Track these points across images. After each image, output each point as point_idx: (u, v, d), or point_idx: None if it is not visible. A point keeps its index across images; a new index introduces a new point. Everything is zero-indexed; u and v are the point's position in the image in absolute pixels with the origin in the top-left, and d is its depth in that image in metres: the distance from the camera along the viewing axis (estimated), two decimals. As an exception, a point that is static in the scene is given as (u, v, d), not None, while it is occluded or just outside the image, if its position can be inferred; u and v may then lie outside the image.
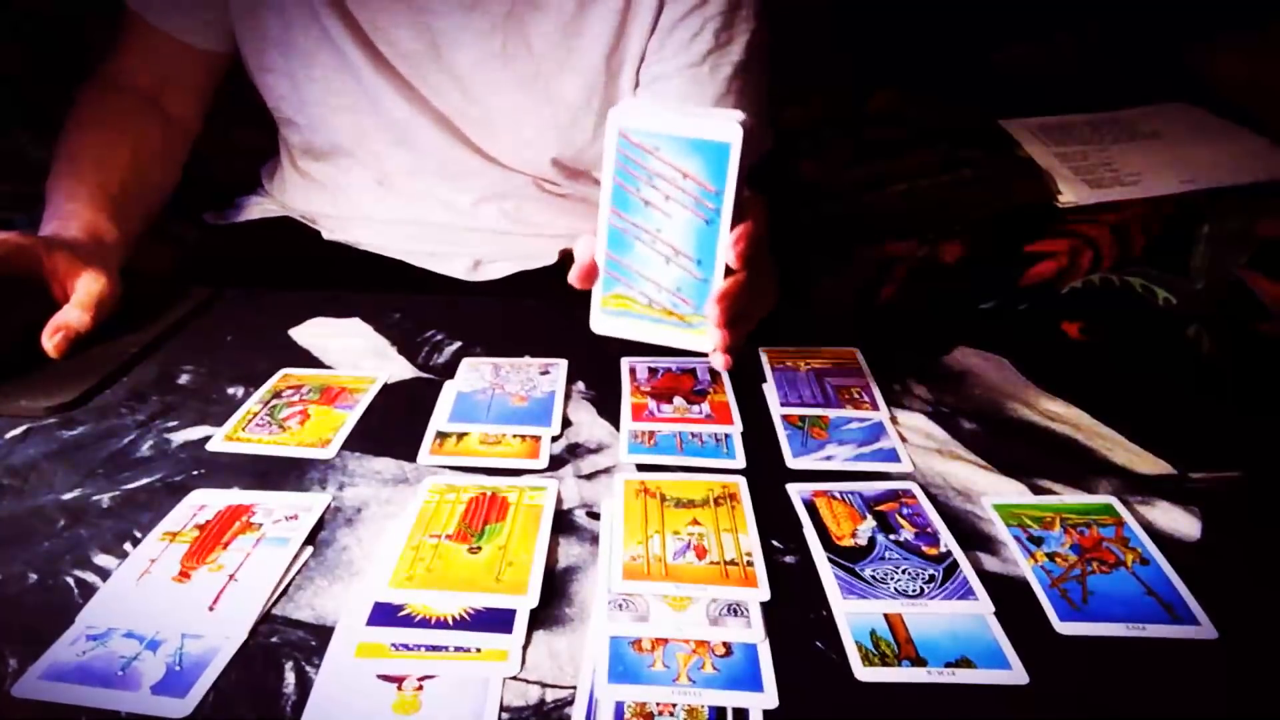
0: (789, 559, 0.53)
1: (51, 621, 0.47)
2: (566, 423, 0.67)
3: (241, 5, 0.85)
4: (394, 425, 0.66)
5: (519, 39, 0.82)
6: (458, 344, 0.78)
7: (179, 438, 0.64)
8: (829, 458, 0.63)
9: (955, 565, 0.52)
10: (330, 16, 0.82)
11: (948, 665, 0.46)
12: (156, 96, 0.91)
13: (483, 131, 0.89)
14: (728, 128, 0.51)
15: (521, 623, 0.47)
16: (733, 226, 0.54)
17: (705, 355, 0.58)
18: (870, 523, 0.56)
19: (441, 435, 0.65)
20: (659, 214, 0.54)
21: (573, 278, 0.58)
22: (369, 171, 0.93)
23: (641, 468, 0.62)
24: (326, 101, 0.88)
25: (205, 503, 0.57)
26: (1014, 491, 0.60)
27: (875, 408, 0.69)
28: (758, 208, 0.56)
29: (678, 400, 0.69)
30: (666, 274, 0.56)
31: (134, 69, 0.90)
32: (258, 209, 1.01)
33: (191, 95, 0.93)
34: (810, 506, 0.58)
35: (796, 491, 0.59)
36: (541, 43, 0.82)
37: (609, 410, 0.68)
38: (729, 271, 0.55)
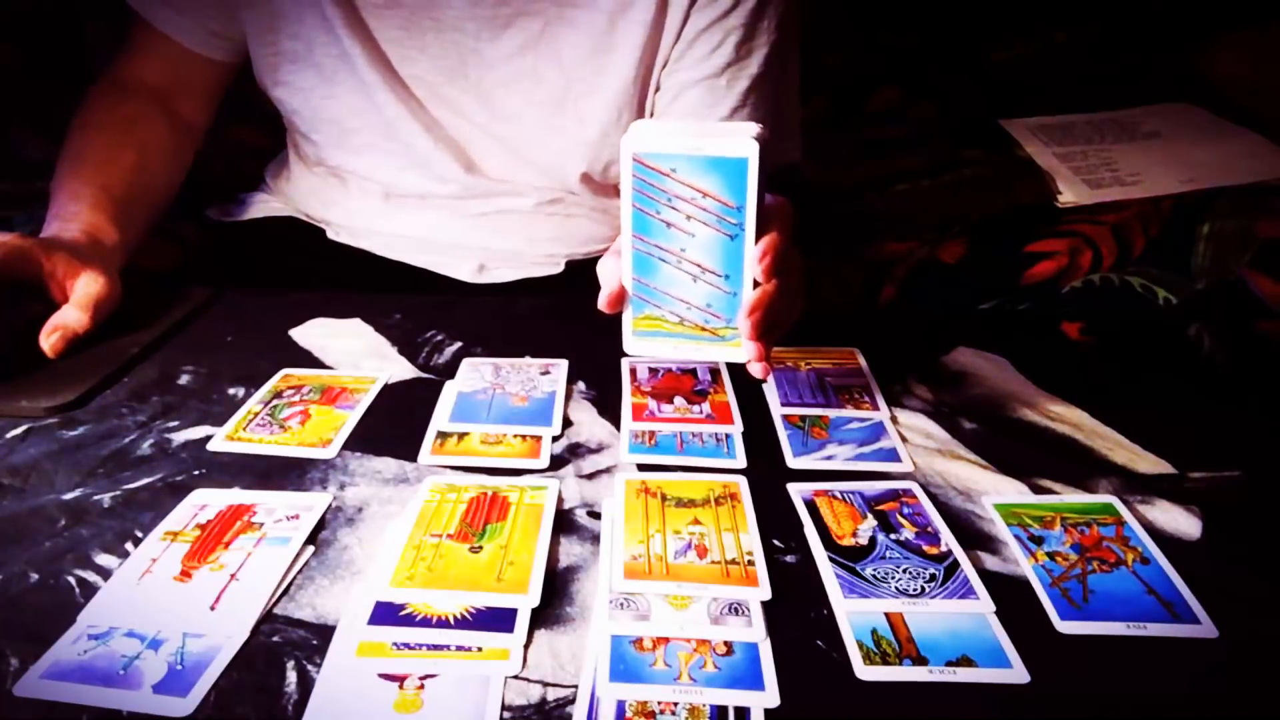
0: (790, 558, 0.53)
1: (53, 621, 0.47)
2: (567, 422, 0.67)
3: (256, 21, 0.84)
4: (395, 425, 0.66)
5: (550, 57, 0.81)
6: (458, 344, 0.78)
7: (180, 438, 0.64)
8: (829, 457, 0.63)
9: (956, 564, 0.52)
10: (351, 39, 0.81)
11: (949, 664, 0.46)
12: (164, 98, 0.90)
13: (506, 152, 0.88)
14: (743, 143, 0.51)
15: (523, 622, 0.48)
16: (757, 238, 0.54)
17: (739, 364, 0.58)
18: (871, 522, 0.56)
19: (442, 435, 0.65)
20: (682, 234, 0.54)
21: (602, 303, 0.58)
22: (379, 188, 0.93)
23: (642, 467, 0.62)
24: (342, 122, 0.87)
25: (206, 502, 0.57)
26: (1014, 491, 0.60)
27: (875, 407, 0.69)
28: (781, 215, 0.56)
29: (678, 400, 0.69)
30: (695, 292, 0.56)
31: (142, 70, 0.89)
32: (262, 207, 1.01)
33: (199, 98, 0.93)
34: (811, 506, 0.58)
35: (797, 491, 0.59)
36: (573, 59, 0.81)
37: (610, 410, 0.69)
38: (757, 282, 0.55)
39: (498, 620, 0.48)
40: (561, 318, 0.83)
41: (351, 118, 0.86)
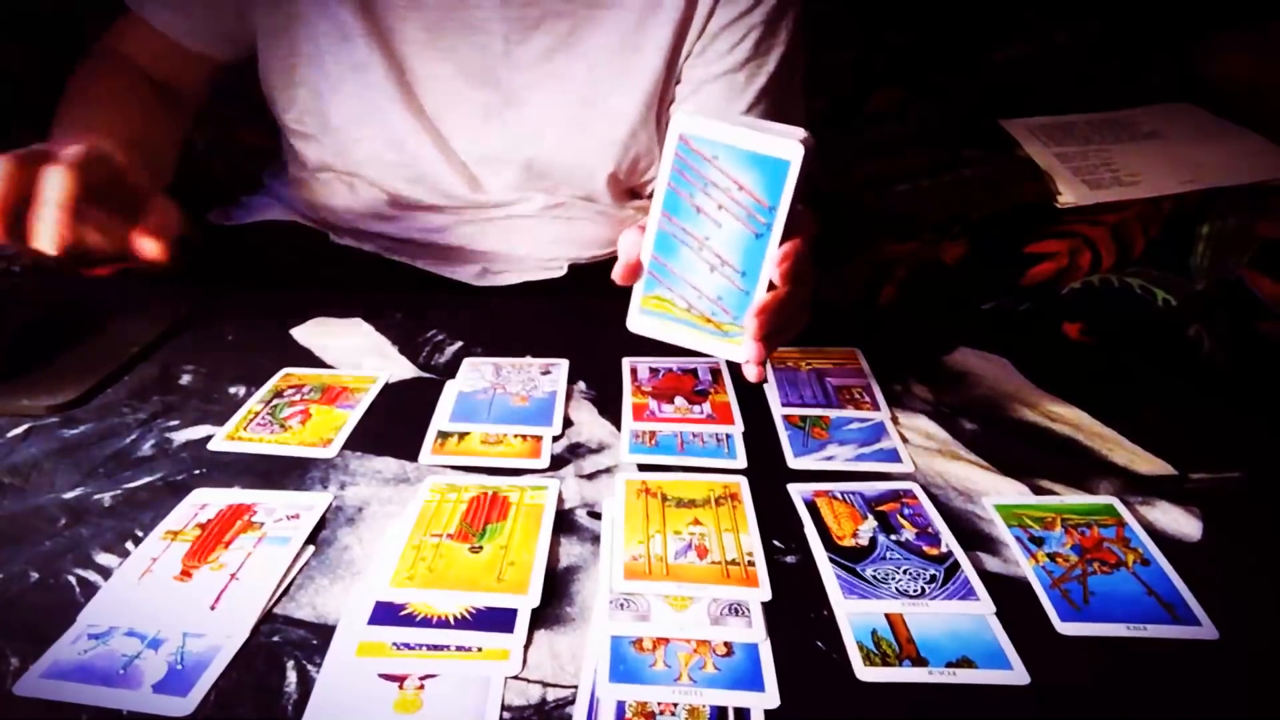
0: (790, 559, 0.53)
1: (53, 620, 0.47)
2: (568, 422, 0.67)
3: (270, 23, 0.83)
4: (395, 425, 0.66)
5: (579, 57, 0.81)
6: (459, 344, 0.78)
7: (180, 437, 0.64)
8: (830, 458, 0.63)
9: (956, 565, 0.52)
10: (369, 45, 0.79)
11: (949, 665, 0.46)
12: (160, 77, 0.86)
13: (518, 164, 0.87)
14: (789, 146, 0.51)
15: (523, 622, 0.48)
16: (782, 243, 0.54)
17: (738, 364, 0.58)
18: (871, 523, 0.56)
19: (443, 435, 0.65)
20: (709, 222, 0.55)
21: (616, 274, 0.58)
22: (384, 194, 0.92)
23: (643, 467, 0.62)
24: (350, 130, 0.86)
25: (206, 502, 0.57)
26: (1015, 492, 0.60)
27: (876, 408, 0.69)
28: (807, 226, 0.56)
29: (679, 400, 0.69)
30: (709, 282, 0.56)
31: (136, 54, 0.86)
32: (264, 210, 1.00)
33: (196, 84, 0.89)
34: (811, 506, 0.58)
35: (798, 491, 0.59)
36: (601, 59, 0.81)
37: (610, 410, 0.69)
38: (771, 286, 0.55)
39: (498, 620, 0.48)
40: (562, 318, 0.83)
41: (360, 125, 0.85)
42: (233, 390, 0.70)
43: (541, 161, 0.87)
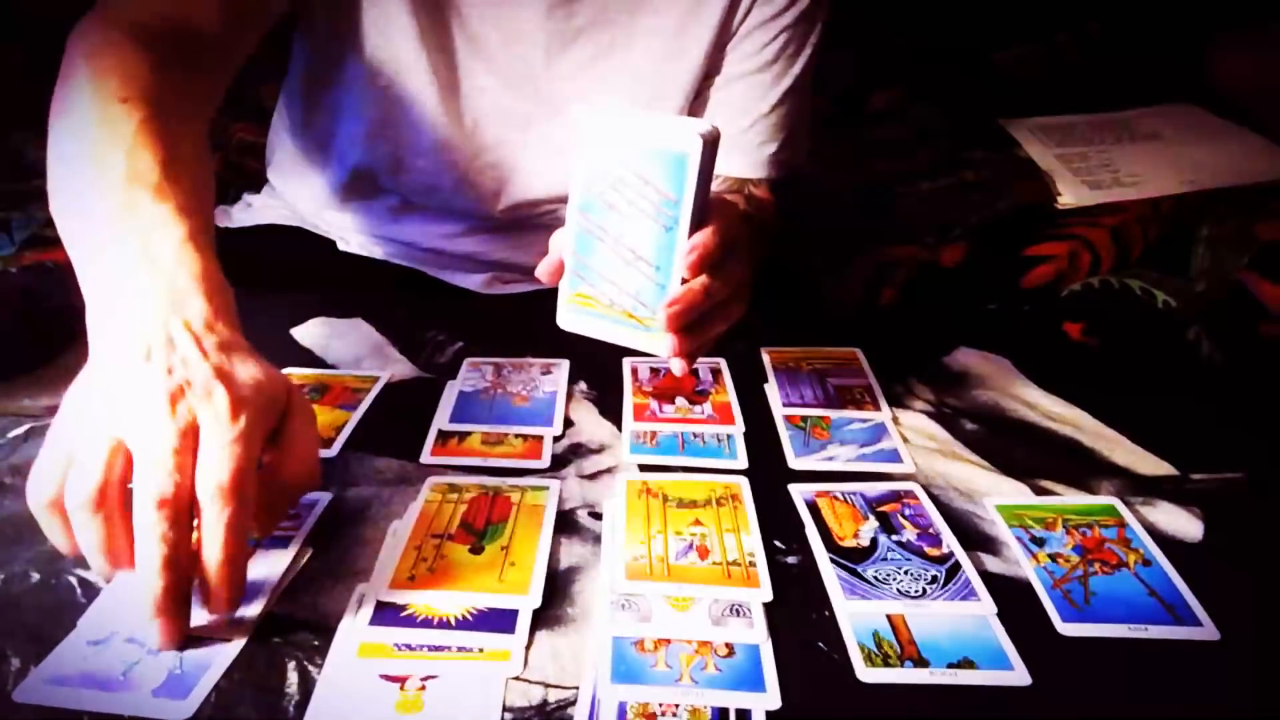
0: (791, 559, 0.53)
1: (54, 621, 0.47)
2: (568, 423, 0.67)
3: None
4: (396, 425, 0.66)
5: (620, 67, 0.81)
6: (459, 344, 0.78)
7: (180, 437, 0.64)
8: (831, 458, 0.63)
9: (957, 566, 0.52)
10: (419, 48, 0.78)
11: (950, 666, 0.46)
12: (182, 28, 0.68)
13: (568, 164, 0.86)
14: (688, 138, 0.52)
15: (524, 623, 0.47)
16: (692, 235, 0.54)
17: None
18: (872, 523, 0.56)
19: (443, 435, 0.65)
20: (621, 218, 0.55)
21: (540, 272, 0.58)
22: (397, 198, 0.90)
23: (644, 468, 0.62)
24: (390, 127, 0.84)
25: (207, 502, 0.56)
26: (1016, 492, 0.60)
27: (877, 408, 0.69)
28: (724, 218, 0.56)
29: (680, 400, 0.69)
30: (627, 277, 0.56)
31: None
32: (268, 213, 0.98)
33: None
34: (812, 507, 0.58)
35: (799, 492, 0.59)
36: (643, 67, 0.81)
37: (611, 410, 0.68)
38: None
39: (499, 621, 0.48)
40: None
41: (393, 127, 0.83)
42: (233, 390, 0.70)
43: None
